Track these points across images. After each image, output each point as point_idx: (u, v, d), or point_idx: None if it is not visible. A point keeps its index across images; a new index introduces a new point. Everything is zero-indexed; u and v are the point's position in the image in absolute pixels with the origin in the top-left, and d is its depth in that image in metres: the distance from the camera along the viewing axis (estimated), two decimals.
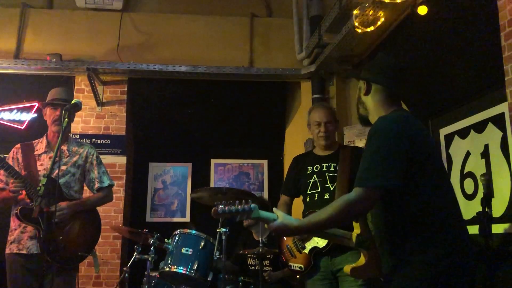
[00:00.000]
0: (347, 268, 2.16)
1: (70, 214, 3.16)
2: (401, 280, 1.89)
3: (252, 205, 1.95)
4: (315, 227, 2.03)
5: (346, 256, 3.00)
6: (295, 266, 3.15)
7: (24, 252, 3.10)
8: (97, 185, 3.38)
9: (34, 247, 3.09)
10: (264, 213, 1.99)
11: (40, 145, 3.35)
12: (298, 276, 3.20)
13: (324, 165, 3.23)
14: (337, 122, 3.36)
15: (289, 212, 3.33)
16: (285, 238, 3.28)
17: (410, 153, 1.89)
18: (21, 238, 3.13)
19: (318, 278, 3.08)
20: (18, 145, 3.35)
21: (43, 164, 3.26)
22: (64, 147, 3.34)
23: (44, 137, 3.37)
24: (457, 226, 1.93)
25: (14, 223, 3.21)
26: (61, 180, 3.22)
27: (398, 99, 2.16)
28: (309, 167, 3.27)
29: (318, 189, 3.17)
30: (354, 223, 2.29)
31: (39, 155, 3.30)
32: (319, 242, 3.03)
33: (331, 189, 3.13)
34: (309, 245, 3.07)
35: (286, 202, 3.37)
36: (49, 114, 3.32)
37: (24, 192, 3.07)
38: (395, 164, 1.87)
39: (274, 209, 2.03)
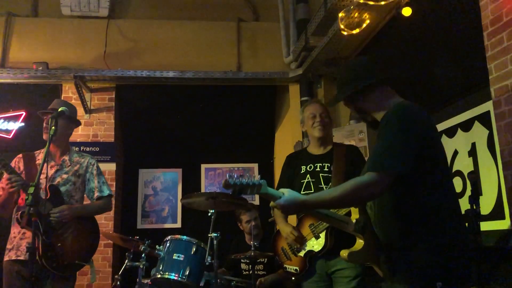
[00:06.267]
0: (343, 253, 2.15)
1: (70, 217, 3.20)
2: (406, 266, 1.91)
3: (262, 180, 1.94)
4: (322, 204, 2.03)
5: (341, 258, 2.99)
6: (291, 268, 3.15)
7: (22, 258, 3.12)
8: (96, 194, 3.44)
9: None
10: (271, 190, 1.98)
11: (41, 155, 3.39)
12: (293, 278, 3.20)
13: (318, 165, 3.20)
14: (330, 120, 3.32)
15: None
16: (280, 240, 3.26)
17: (424, 140, 1.91)
18: (19, 245, 3.17)
19: (314, 280, 3.09)
20: (20, 155, 3.42)
21: (44, 173, 3.26)
22: (66, 157, 3.42)
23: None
24: (459, 220, 1.96)
25: (14, 231, 3.24)
26: (62, 189, 3.30)
27: (389, 86, 2.14)
28: (302, 167, 3.25)
29: (311, 190, 3.15)
30: (352, 208, 2.28)
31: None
32: (315, 247, 3.03)
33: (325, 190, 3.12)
34: (304, 249, 3.07)
35: None
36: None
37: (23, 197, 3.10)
38: (410, 150, 1.87)
39: (281, 189, 2.00)
